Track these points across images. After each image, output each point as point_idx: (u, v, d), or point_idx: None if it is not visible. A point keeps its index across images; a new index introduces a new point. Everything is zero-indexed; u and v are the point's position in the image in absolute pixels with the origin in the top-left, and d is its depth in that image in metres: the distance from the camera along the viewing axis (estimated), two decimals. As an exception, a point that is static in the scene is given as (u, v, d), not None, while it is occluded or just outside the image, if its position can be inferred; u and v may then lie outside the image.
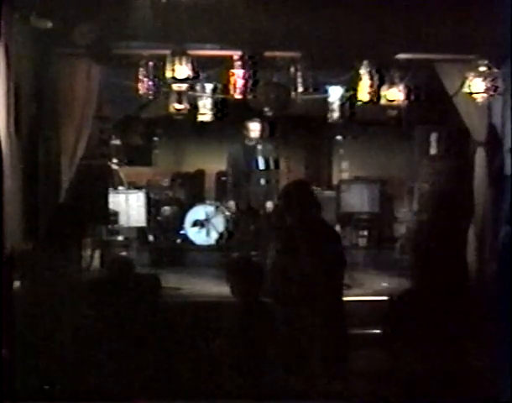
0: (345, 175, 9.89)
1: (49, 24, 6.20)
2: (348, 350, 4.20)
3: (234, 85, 7.11)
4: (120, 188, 8.54)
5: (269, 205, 7.84)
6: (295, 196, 4.37)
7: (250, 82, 7.02)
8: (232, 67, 7.04)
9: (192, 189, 10.16)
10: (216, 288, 7.21)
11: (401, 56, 7.38)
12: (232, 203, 7.97)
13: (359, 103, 7.69)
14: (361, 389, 4.12)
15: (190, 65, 6.54)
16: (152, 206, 9.00)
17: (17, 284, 4.11)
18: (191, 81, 6.81)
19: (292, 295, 3.99)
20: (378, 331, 5.14)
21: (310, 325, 3.85)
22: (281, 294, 4.02)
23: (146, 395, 3.28)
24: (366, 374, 4.20)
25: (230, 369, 3.40)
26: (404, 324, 4.09)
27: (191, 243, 9.31)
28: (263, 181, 7.87)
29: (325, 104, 8.47)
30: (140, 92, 7.15)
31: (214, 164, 10.06)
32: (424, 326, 3.98)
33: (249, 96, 7.21)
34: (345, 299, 5.04)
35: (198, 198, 10.01)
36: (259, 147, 8.00)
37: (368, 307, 6.17)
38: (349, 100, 8.19)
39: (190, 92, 8.02)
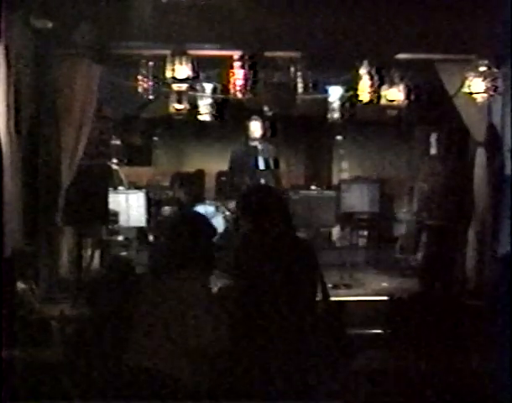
0: (345, 175, 9.89)
1: (49, 24, 6.20)
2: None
3: (234, 85, 7.10)
4: (120, 188, 8.54)
5: None
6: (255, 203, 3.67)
7: (250, 82, 7.02)
8: (232, 67, 7.04)
9: (192, 189, 10.16)
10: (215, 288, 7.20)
11: (401, 56, 7.38)
12: (232, 203, 7.95)
13: (359, 103, 7.69)
14: (361, 390, 4.12)
15: (190, 65, 6.54)
16: (152, 206, 9.00)
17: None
18: (191, 81, 6.81)
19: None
20: (378, 331, 5.15)
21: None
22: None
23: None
24: (366, 374, 4.19)
25: (229, 369, 3.40)
26: (405, 325, 4.09)
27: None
28: (263, 181, 7.87)
29: (325, 104, 8.47)
30: (140, 92, 7.15)
31: (214, 164, 10.06)
32: (424, 327, 3.98)
33: (249, 96, 7.21)
34: (345, 299, 5.04)
35: (198, 198, 10.01)
36: (260, 147, 8.01)
37: (368, 307, 6.17)
38: (349, 100, 8.19)
39: (190, 92, 8.01)
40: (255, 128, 7.99)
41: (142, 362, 3.31)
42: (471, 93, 7.03)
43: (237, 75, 7.04)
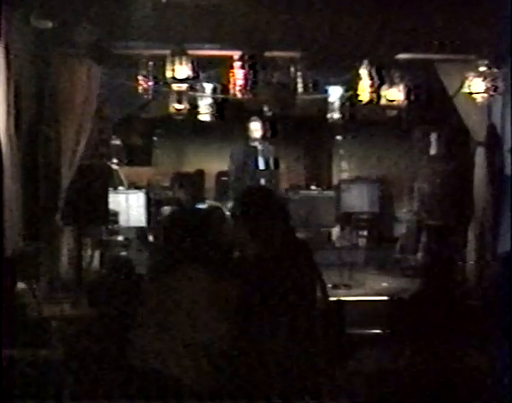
0: (345, 175, 9.90)
1: (49, 24, 6.20)
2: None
3: (234, 85, 7.10)
4: (120, 188, 8.54)
5: None
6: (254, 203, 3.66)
7: (250, 82, 7.01)
8: (232, 67, 7.03)
9: (192, 189, 10.16)
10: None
11: (401, 56, 7.38)
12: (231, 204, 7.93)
13: (359, 103, 7.69)
14: (361, 390, 4.11)
15: (190, 65, 6.54)
16: (152, 206, 9.00)
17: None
18: (191, 81, 6.81)
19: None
20: (378, 331, 5.15)
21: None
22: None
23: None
24: (366, 374, 4.19)
25: (228, 369, 3.40)
26: (405, 324, 4.09)
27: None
28: (263, 181, 7.87)
29: (325, 104, 8.47)
30: (140, 92, 7.15)
31: (214, 164, 10.07)
32: (424, 326, 3.98)
33: (249, 96, 7.21)
34: (345, 299, 5.02)
35: (198, 198, 10.00)
36: (259, 147, 8.00)
37: (368, 307, 6.17)
38: (349, 100, 8.18)
39: (190, 92, 8.01)
40: (255, 128, 7.99)
41: (142, 362, 3.31)
42: (471, 93, 7.03)
43: (237, 75, 7.03)
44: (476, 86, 6.96)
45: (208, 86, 8.39)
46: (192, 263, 3.40)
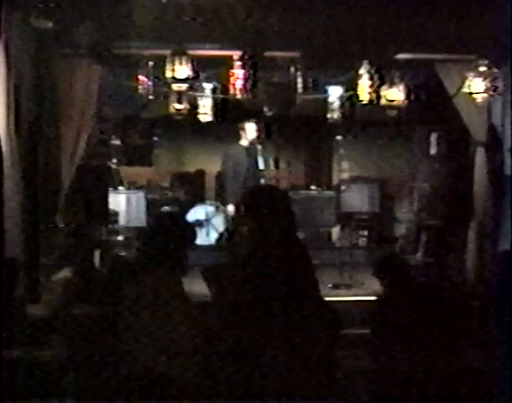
0: (345, 175, 9.90)
1: (49, 24, 6.20)
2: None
3: (234, 85, 7.10)
4: (120, 188, 8.54)
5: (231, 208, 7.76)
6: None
7: (250, 82, 7.01)
8: (232, 67, 7.04)
9: (192, 189, 10.17)
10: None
11: (401, 56, 7.38)
12: (231, 207, 7.85)
13: (359, 103, 7.69)
14: (360, 390, 4.12)
15: (190, 65, 6.54)
16: (152, 206, 9.01)
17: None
18: (191, 81, 6.81)
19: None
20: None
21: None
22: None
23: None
24: (365, 374, 4.19)
25: (229, 370, 3.40)
26: (404, 324, 4.09)
27: (191, 243, 9.29)
28: (262, 182, 7.86)
29: (325, 104, 8.47)
30: (140, 92, 7.16)
31: (214, 164, 10.06)
32: (424, 326, 3.98)
33: (249, 97, 7.20)
34: (345, 299, 5.03)
35: (198, 198, 10.01)
36: (259, 147, 7.99)
37: (367, 307, 6.17)
38: (349, 100, 8.18)
39: (190, 92, 8.01)
40: (251, 128, 7.96)
41: (132, 362, 3.34)
42: (471, 93, 7.03)
43: (237, 75, 7.03)
44: (476, 86, 6.96)
45: (208, 86, 8.39)
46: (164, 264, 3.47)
